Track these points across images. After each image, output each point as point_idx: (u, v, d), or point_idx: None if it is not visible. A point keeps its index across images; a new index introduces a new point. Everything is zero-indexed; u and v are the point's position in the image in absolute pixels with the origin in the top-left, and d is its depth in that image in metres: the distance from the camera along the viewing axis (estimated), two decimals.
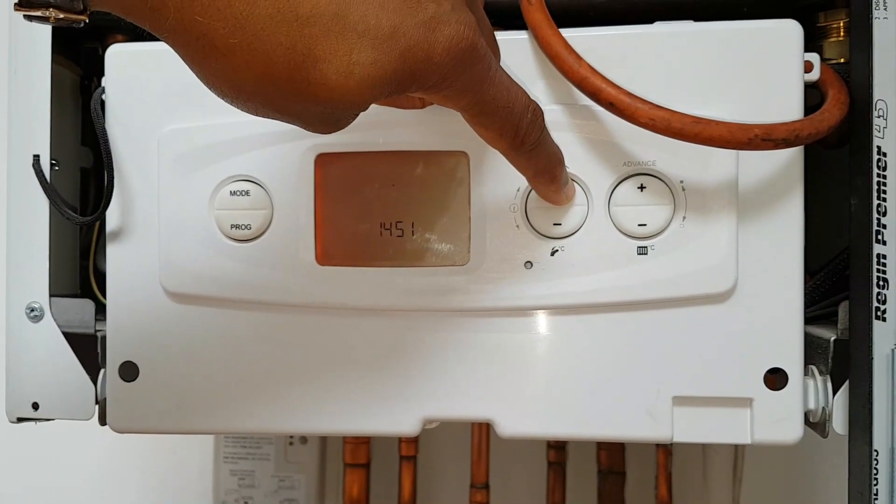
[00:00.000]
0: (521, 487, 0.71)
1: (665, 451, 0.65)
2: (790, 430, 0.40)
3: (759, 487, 0.69)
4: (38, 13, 0.27)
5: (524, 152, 0.34)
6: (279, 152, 0.42)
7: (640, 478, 0.69)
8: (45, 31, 0.44)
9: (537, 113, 0.33)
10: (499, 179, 0.41)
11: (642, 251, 0.40)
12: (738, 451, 0.65)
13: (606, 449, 0.66)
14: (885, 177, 0.38)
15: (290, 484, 0.70)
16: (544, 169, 0.36)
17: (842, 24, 0.43)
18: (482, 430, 0.66)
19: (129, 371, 0.43)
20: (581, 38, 0.39)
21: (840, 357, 0.41)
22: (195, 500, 0.75)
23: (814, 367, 0.41)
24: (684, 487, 0.68)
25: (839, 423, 0.41)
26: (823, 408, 0.41)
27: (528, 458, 0.71)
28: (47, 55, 0.44)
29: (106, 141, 0.42)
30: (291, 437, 0.70)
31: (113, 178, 0.43)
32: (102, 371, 0.44)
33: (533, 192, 0.40)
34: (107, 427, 0.45)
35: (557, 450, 0.67)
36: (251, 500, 0.70)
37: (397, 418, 0.42)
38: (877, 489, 0.38)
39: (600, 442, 0.66)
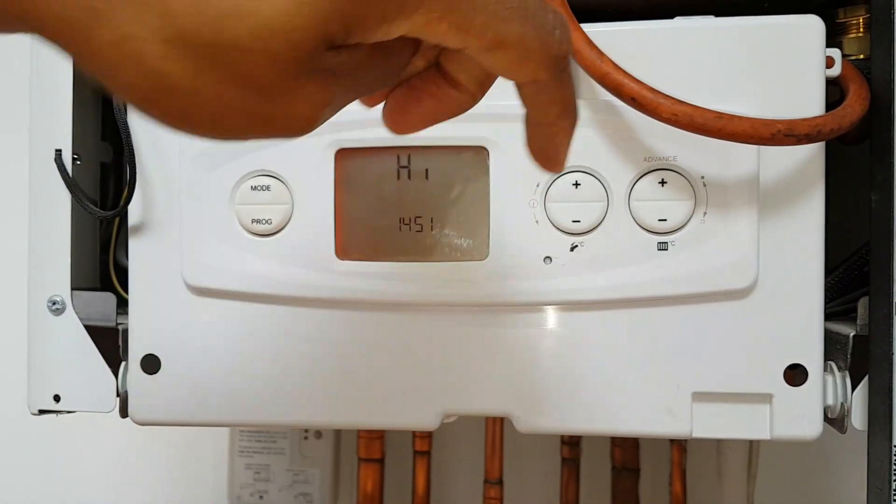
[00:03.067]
0: (535, 483, 0.71)
1: (679, 447, 0.65)
2: (809, 425, 0.40)
3: (774, 484, 0.68)
4: None
5: (556, 74, 0.26)
6: (299, 147, 0.42)
7: (654, 475, 0.69)
8: None
9: (559, 17, 0.26)
10: (518, 175, 0.41)
11: (662, 247, 0.40)
12: (752, 448, 0.65)
13: (620, 445, 0.66)
14: None
15: (304, 478, 0.70)
16: (572, 102, 0.29)
17: (861, 20, 0.43)
18: (496, 426, 0.66)
19: (151, 364, 0.44)
20: (601, 34, 0.39)
21: (859, 353, 0.41)
22: (210, 494, 0.75)
23: (833, 363, 0.41)
24: (699, 484, 0.68)
25: (858, 418, 0.41)
26: (842, 403, 0.41)
27: (542, 454, 0.71)
28: None
29: (128, 136, 0.43)
30: (306, 431, 0.70)
31: (135, 172, 0.43)
32: (123, 364, 0.45)
33: (552, 187, 0.40)
34: (122, 420, 0.46)
35: (571, 446, 0.67)
36: (266, 493, 0.70)
37: (416, 412, 0.42)
38: None
39: (614, 438, 0.66)
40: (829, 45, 0.40)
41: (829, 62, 0.40)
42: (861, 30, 0.43)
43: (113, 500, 0.77)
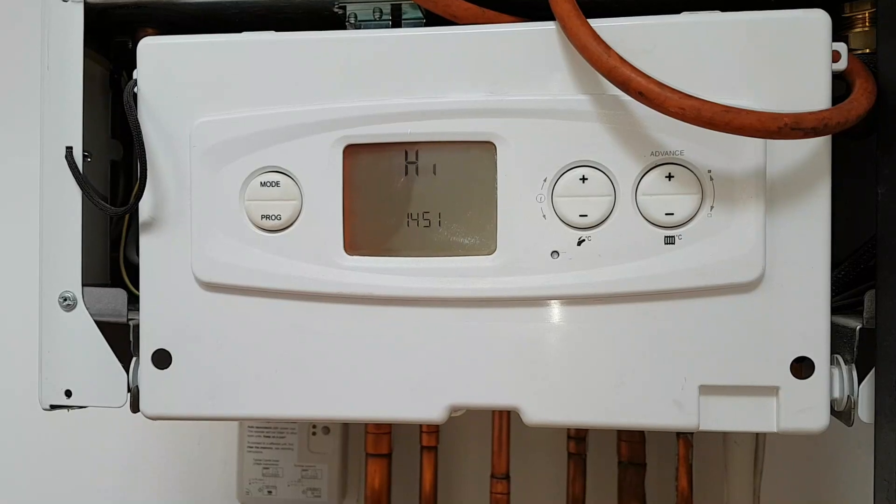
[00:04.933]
0: (542, 478, 0.72)
1: (686, 442, 0.65)
2: (816, 418, 0.40)
3: (780, 479, 0.69)
4: None
5: None
6: (308, 144, 0.42)
7: (660, 469, 0.69)
8: (78, 25, 0.45)
9: None
10: (525, 170, 0.41)
11: (669, 241, 0.40)
12: (758, 442, 0.65)
13: (627, 440, 0.66)
14: None
15: (312, 473, 0.70)
16: None
17: (867, 15, 0.43)
18: (503, 421, 0.67)
19: (162, 359, 0.44)
20: (609, 29, 0.39)
21: (865, 346, 0.41)
22: (220, 489, 0.76)
23: (839, 356, 0.42)
24: (705, 479, 0.68)
25: (865, 411, 0.41)
26: (849, 396, 0.41)
27: (548, 449, 0.71)
28: (79, 49, 0.45)
29: (139, 133, 0.43)
30: (314, 427, 0.71)
31: (146, 170, 0.43)
32: (134, 359, 0.45)
33: (559, 182, 0.41)
34: (133, 416, 0.46)
35: (578, 441, 0.68)
36: (274, 488, 0.71)
37: (424, 406, 0.43)
38: None
39: (621, 433, 0.67)
40: (835, 39, 0.40)
41: (836, 56, 0.40)
42: (867, 24, 0.43)
43: (123, 495, 0.78)
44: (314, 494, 0.70)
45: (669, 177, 0.40)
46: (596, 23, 0.39)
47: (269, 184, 0.43)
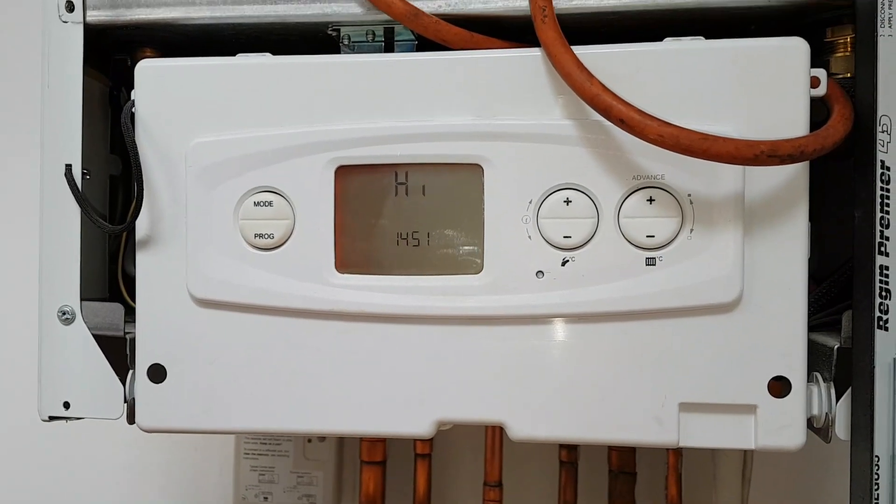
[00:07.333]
0: (534, 486, 0.73)
1: (675, 452, 0.66)
2: (793, 436, 0.41)
3: (768, 488, 0.70)
4: None
5: None
6: (301, 165, 0.43)
7: (650, 478, 0.70)
8: (77, 46, 0.46)
9: None
10: (512, 192, 0.42)
11: (651, 262, 0.41)
12: (746, 453, 0.66)
13: (617, 450, 0.67)
14: (888, 190, 0.40)
15: (308, 480, 0.72)
16: None
17: (849, 40, 0.44)
18: (496, 430, 0.68)
19: (157, 373, 0.45)
20: (592, 56, 0.40)
21: (843, 364, 0.42)
22: (217, 495, 0.77)
23: (818, 374, 0.43)
24: (694, 488, 0.69)
25: (842, 428, 0.42)
26: (827, 414, 0.42)
27: (540, 457, 0.72)
28: (79, 67, 0.46)
29: (136, 154, 0.44)
30: None
31: (143, 189, 0.44)
32: (131, 372, 0.46)
33: (545, 204, 0.42)
34: (131, 426, 0.47)
35: (569, 450, 0.68)
36: (270, 495, 0.72)
37: (412, 421, 0.44)
38: (878, 493, 0.40)
39: None
40: (817, 63, 0.41)
41: (815, 82, 0.41)
42: (848, 49, 0.44)
43: (121, 501, 0.79)
44: (309, 501, 0.72)
45: (651, 200, 0.41)
46: (580, 49, 0.40)
47: (262, 203, 0.44)
